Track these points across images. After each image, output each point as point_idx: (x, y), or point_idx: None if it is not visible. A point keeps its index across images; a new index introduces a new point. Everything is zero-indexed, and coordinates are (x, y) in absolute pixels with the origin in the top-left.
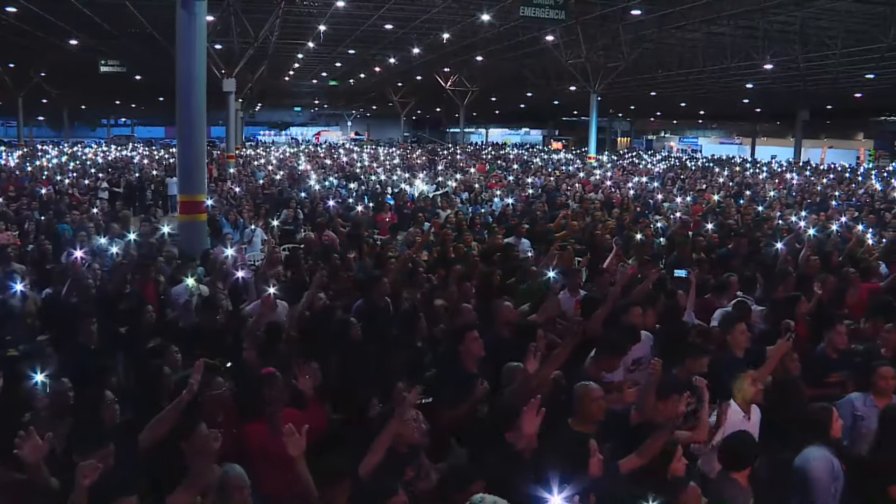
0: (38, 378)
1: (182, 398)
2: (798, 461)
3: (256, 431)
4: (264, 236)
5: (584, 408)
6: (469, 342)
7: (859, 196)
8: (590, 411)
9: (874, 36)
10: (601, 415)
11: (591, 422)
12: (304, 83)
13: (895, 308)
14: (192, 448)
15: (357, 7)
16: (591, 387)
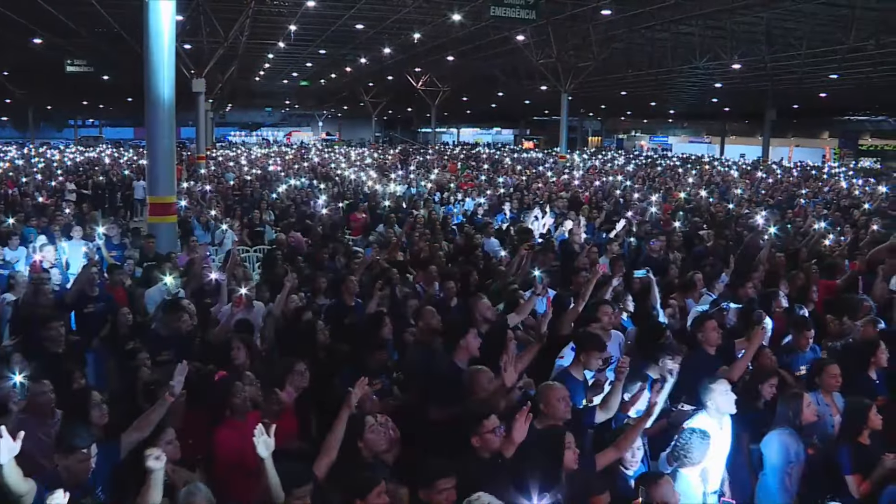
0: (17, 379)
1: (166, 399)
2: (761, 443)
3: (226, 437)
4: (235, 237)
5: (550, 407)
6: (470, 339)
7: (825, 194)
8: (556, 410)
9: (837, 37)
10: (567, 413)
11: (558, 420)
12: (274, 83)
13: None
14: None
15: (328, 7)
16: (555, 386)
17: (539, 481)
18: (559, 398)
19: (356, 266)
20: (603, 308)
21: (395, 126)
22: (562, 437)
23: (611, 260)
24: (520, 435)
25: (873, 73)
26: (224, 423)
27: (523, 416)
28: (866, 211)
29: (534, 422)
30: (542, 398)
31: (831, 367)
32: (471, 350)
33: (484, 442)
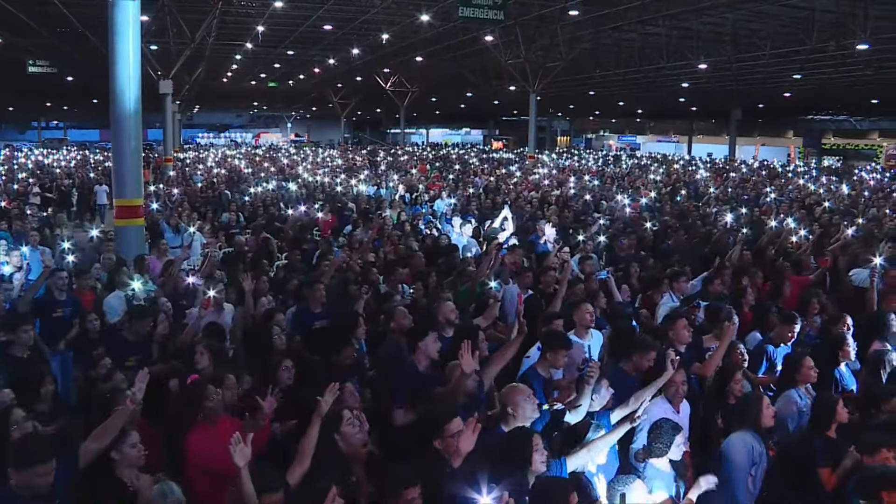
0: None
1: (126, 407)
2: (723, 445)
3: (198, 442)
4: (203, 240)
5: (516, 407)
6: (428, 342)
7: (790, 192)
8: (524, 410)
9: (799, 39)
10: (536, 412)
11: (524, 421)
12: (242, 85)
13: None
14: (122, 458)
15: (295, 7)
16: (519, 387)
17: (505, 483)
18: (526, 398)
19: (325, 269)
20: (583, 307)
21: (364, 127)
22: (529, 439)
23: (580, 259)
24: (467, 446)
25: (834, 73)
26: (196, 428)
27: (471, 427)
28: (828, 209)
29: (504, 427)
30: (509, 400)
31: (807, 361)
32: (429, 353)
33: (447, 445)
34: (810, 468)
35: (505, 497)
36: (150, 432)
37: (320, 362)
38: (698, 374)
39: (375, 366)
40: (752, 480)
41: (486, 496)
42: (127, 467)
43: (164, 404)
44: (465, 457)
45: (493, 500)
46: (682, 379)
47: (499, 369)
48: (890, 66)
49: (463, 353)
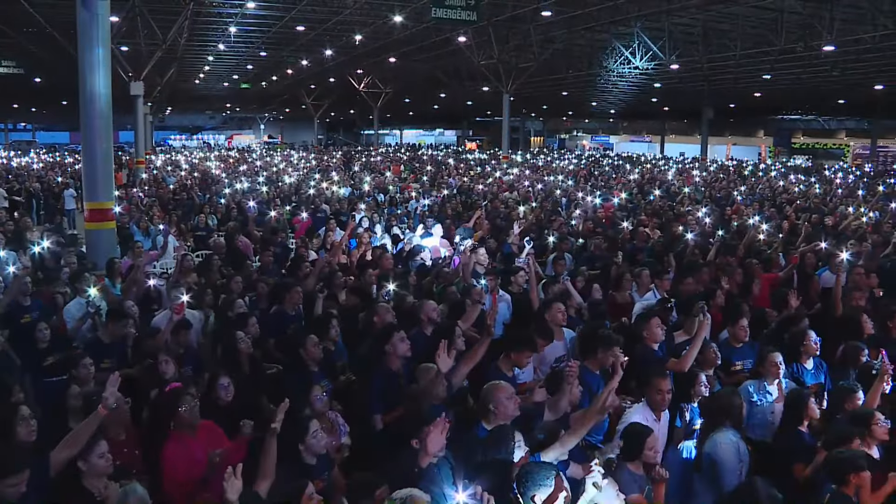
0: None
1: (98, 413)
2: (706, 446)
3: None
4: (176, 243)
5: (498, 406)
6: (395, 342)
7: (761, 191)
8: (503, 409)
9: (769, 39)
10: (516, 411)
11: (508, 419)
12: (215, 86)
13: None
14: (90, 468)
15: (267, 8)
16: (501, 384)
17: (490, 481)
18: (508, 396)
19: (309, 273)
20: (555, 306)
21: (337, 128)
22: (510, 436)
23: (554, 259)
24: (434, 445)
25: (803, 74)
26: (171, 437)
27: (439, 427)
28: (798, 207)
29: (485, 425)
30: (491, 398)
31: (773, 356)
32: (398, 353)
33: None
34: (784, 463)
35: (479, 492)
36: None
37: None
38: (673, 369)
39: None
40: (739, 479)
41: (462, 493)
42: (94, 477)
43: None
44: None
45: (469, 497)
46: (668, 387)
47: (468, 370)
48: (855, 67)
49: (440, 353)
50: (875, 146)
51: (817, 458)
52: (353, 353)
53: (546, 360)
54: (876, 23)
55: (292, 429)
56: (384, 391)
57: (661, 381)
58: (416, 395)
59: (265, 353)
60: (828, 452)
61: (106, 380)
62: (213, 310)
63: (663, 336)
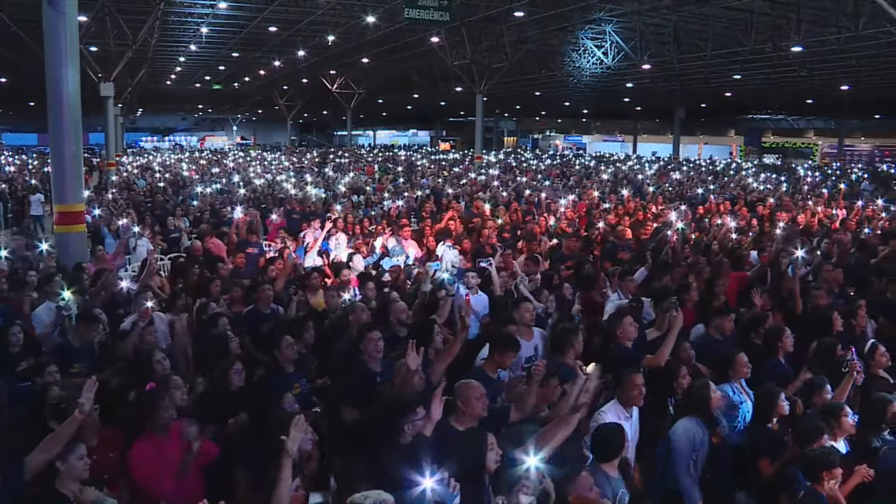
0: None
1: (75, 418)
2: (670, 433)
3: (144, 451)
4: (150, 246)
5: (469, 405)
6: (368, 342)
7: (731, 190)
8: (473, 408)
9: (738, 40)
10: (484, 411)
11: (475, 418)
12: (186, 87)
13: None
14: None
15: (239, 9)
16: (472, 384)
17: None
18: (477, 396)
19: (278, 272)
20: (523, 306)
21: (310, 129)
22: (484, 439)
23: (527, 259)
24: (437, 413)
25: (772, 74)
26: (143, 437)
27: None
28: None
29: (452, 420)
30: (461, 396)
31: (740, 356)
32: (370, 351)
33: (415, 429)
34: (752, 458)
35: (446, 478)
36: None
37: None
38: (650, 365)
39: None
40: (693, 465)
41: (430, 478)
42: (71, 479)
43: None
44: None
45: (436, 483)
46: (641, 382)
47: (444, 367)
48: (821, 68)
49: (408, 351)
50: (842, 145)
51: (785, 455)
52: (327, 353)
53: (517, 360)
54: (840, 25)
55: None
56: (359, 388)
57: (635, 377)
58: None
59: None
60: (799, 450)
61: (77, 384)
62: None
63: (636, 333)
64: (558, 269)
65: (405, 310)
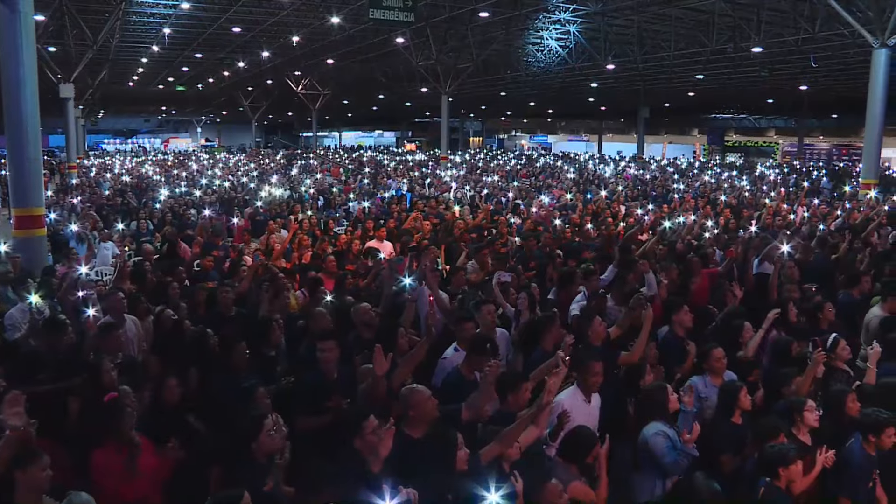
0: None
1: (8, 437)
2: (640, 438)
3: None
4: (117, 251)
5: (418, 409)
6: (323, 350)
7: (696, 188)
8: (424, 412)
9: (700, 41)
10: (435, 411)
11: (426, 422)
12: (149, 89)
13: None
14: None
15: (202, 10)
16: (417, 388)
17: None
18: (425, 398)
19: (243, 274)
20: (485, 308)
21: (276, 131)
22: (453, 439)
23: (494, 258)
24: (386, 449)
25: (734, 74)
26: (104, 446)
27: (389, 432)
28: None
29: (404, 428)
30: (410, 402)
31: (716, 351)
32: (326, 358)
33: (366, 445)
34: (714, 453)
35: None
36: (55, 452)
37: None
38: (626, 362)
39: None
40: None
41: (389, 502)
42: (31, 491)
43: (65, 422)
44: (383, 460)
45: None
46: (600, 369)
47: (409, 371)
48: (781, 68)
49: (376, 356)
50: (802, 144)
51: (746, 450)
52: (292, 357)
53: None
54: (797, 26)
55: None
56: (314, 395)
57: (594, 364)
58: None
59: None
60: (759, 446)
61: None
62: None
63: (606, 332)
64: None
65: (369, 311)
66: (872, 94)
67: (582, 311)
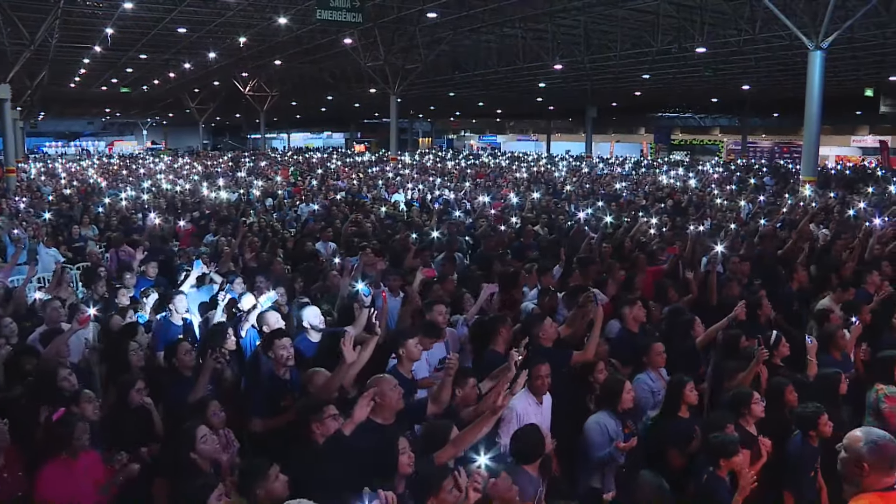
0: None
1: None
2: (584, 426)
3: (53, 476)
4: (59, 257)
5: (383, 397)
6: (278, 348)
7: (644, 187)
8: (389, 399)
9: (646, 41)
10: (401, 403)
11: (393, 410)
12: (92, 90)
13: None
14: None
15: (147, 9)
16: (385, 377)
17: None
18: (391, 387)
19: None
20: (437, 308)
21: (223, 133)
22: (394, 443)
23: (443, 259)
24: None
25: (678, 73)
26: (52, 460)
27: (367, 398)
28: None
29: (371, 416)
30: (376, 390)
31: (657, 346)
32: (280, 359)
33: (324, 427)
34: (662, 448)
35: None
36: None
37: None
38: (580, 361)
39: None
40: (608, 455)
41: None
42: None
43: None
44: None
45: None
46: (547, 372)
47: (356, 372)
48: (724, 68)
49: (344, 344)
50: (745, 142)
51: (692, 445)
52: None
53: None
54: (739, 28)
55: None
56: (269, 397)
57: (540, 367)
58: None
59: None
60: (705, 438)
61: None
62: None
63: (557, 333)
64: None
65: (318, 314)
66: (809, 94)
67: (530, 315)
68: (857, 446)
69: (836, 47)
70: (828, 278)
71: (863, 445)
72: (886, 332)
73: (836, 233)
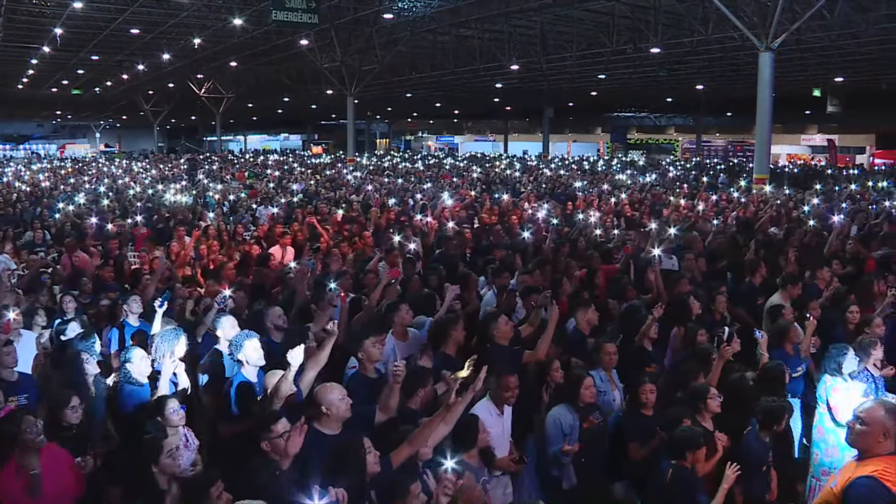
0: None
1: None
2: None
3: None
4: (12, 264)
5: (333, 407)
6: (247, 349)
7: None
8: (337, 409)
9: (601, 41)
10: (348, 412)
11: (340, 420)
12: (42, 92)
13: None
14: None
15: (97, 9)
16: (332, 385)
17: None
18: (340, 397)
19: (147, 283)
20: (402, 308)
21: (179, 135)
22: (360, 443)
23: (404, 260)
24: (294, 447)
25: (633, 74)
26: (8, 463)
27: (298, 430)
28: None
29: (318, 427)
30: (322, 399)
31: (608, 346)
32: (250, 360)
33: (274, 447)
34: (623, 443)
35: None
36: None
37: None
38: (531, 360)
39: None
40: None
41: (318, 501)
42: None
43: None
44: (293, 459)
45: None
46: (516, 384)
47: (315, 373)
48: (678, 68)
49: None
50: (700, 141)
51: (652, 442)
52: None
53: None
54: (692, 29)
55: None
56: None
57: (509, 379)
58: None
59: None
60: (668, 432)
61: None
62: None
63: (513, 332)
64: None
65: (281, 315)
66: (761, 94)
67: (487, 313)
68: (880, 417)
69: (785, 48)
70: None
71: (885, 415)
72: (840, 326)
73: (787, 230)
